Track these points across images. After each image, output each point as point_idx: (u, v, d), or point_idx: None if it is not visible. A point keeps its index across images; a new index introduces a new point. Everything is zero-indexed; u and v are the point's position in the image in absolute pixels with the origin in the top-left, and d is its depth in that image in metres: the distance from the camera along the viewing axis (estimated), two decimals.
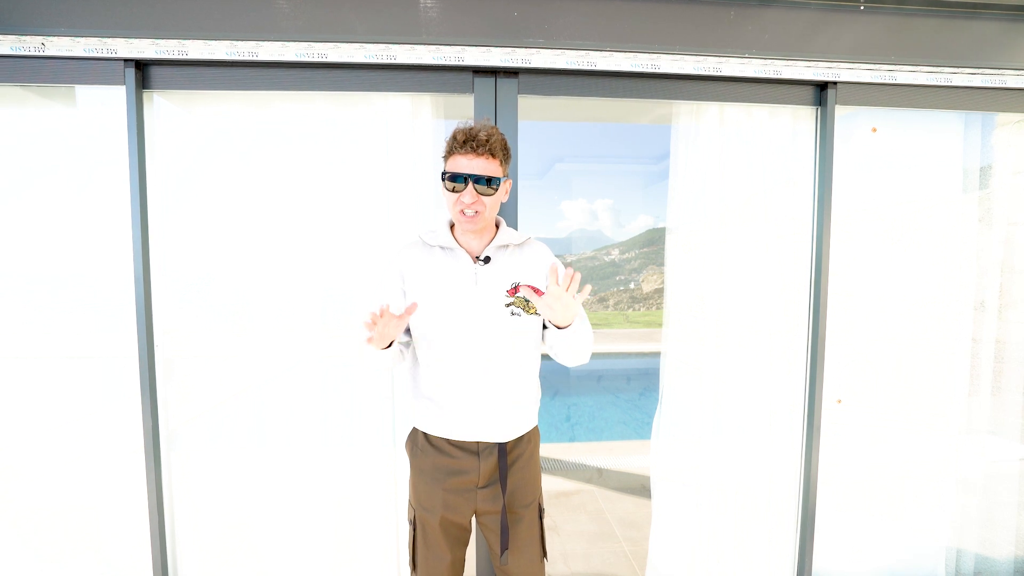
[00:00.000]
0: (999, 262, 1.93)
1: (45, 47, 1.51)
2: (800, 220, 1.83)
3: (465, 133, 1.16)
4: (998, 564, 2.01)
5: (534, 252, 1.30)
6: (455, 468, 1.26)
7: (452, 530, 1.29)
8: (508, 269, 1.25)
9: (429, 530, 1.28)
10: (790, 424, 1.87)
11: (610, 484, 3.18)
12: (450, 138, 1.19)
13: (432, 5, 1.55)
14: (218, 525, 1.77)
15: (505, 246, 1.27)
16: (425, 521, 1.28)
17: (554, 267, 1.15)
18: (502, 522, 1.26)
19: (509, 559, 1.29)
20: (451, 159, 1.19)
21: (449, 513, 1.27)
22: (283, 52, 1.55)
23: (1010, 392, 1.96)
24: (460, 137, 1.16)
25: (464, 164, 1.16)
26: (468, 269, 1.23)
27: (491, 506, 1.28)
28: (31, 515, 1.74)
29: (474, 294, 1.22)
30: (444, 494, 1.26)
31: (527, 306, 1.24)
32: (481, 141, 1.15)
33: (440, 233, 1.26)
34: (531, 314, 1.24)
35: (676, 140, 1.81)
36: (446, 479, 1.26)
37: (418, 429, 1.32)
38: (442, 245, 1.25)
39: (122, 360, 1.66)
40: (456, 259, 1.24)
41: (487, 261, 1.24)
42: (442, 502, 1.26)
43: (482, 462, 1.26)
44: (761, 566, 1.89)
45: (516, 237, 1.28)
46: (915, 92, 1.76)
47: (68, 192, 1.66)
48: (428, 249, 1.27)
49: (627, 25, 1.61)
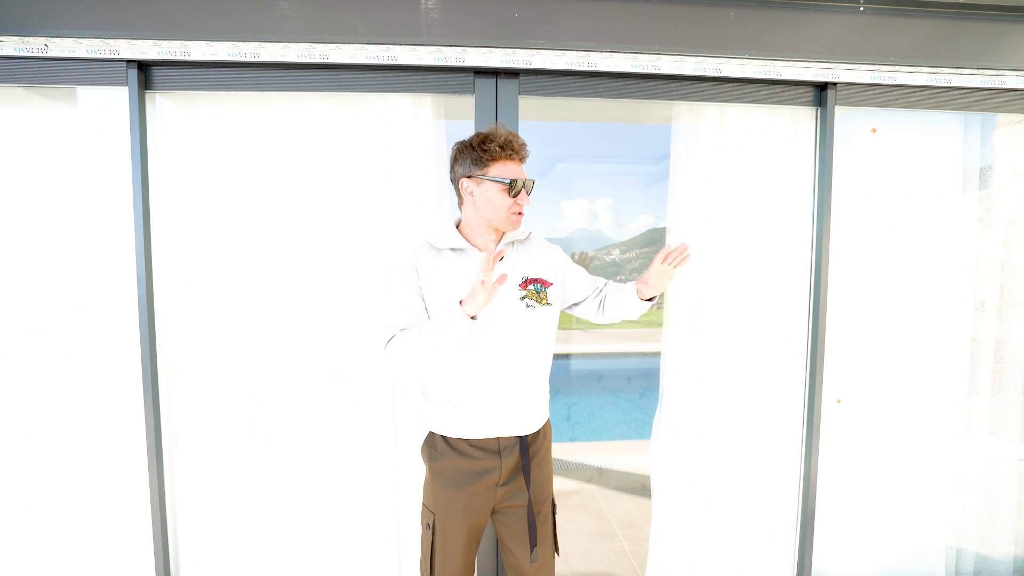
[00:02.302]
0: (999, 262, 1.93)
1: (48, 48, 1.52)
2: (800, 220, 1.83)
3: (517, 141, 1.22)
4: (997, 564, 2.02)
5: (536, 245, 1.36)
6: (477, 470, 1.26)
7: (474, 532, 1.30)
8: (518, 264, 1.29)
9: (450, 534, 1.27)
10: (790, 424, 1.87)
11: (610, 484, 3.18)
12: (496, 143, 1.20)
13: (433, 6, 1.56)
14: (220, 524, 1.78)
15: (512, 242, 1.31)
16: (446, 524, 1.27)
17: (669, 247, 1.26)
18: (528, 518, 1.28)
19: (519, 555, 1.30)
20: (501, 165, 1.21)
21: (471, 516, 1.27)
22: (285, 53, 1.55)
23: (1010, 392, 1.97)
24: (515, 145, 1.22)
25: (517, 171, 1.23)
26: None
27: (510, 501, 1.29)
28: (33, 514, 1.74)
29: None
30: (467, 497, 1.26)
31: (539, 297, 1.28)
32: (525, 146, 1.25)
33: (449, 236, 1.27)
34: (543, 304, 1.29)
35: (676, 141, 1.82)
36: (469, 483, 1.26)
37: (435, 433, 1.31)
38: (452, 247, 1.26)
39: (124, 360, 1.67)
40: (469, 259, 1.26)
41: (501, 259, 1.28)
42: (464, 505, 1.26)
43: (504, 459, 1.27)
44: (761, 566, 1.90)
45: (521, 233, 1.33)
46: (915, 93, 1.77)
47: (70, 192, 1.67)
48: (438, 252, 1.27)
49: (627, 26, 1.62)
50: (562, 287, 1.37)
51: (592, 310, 1.41)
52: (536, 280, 1.29)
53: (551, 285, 1.32)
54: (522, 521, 1.30)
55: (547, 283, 1.31)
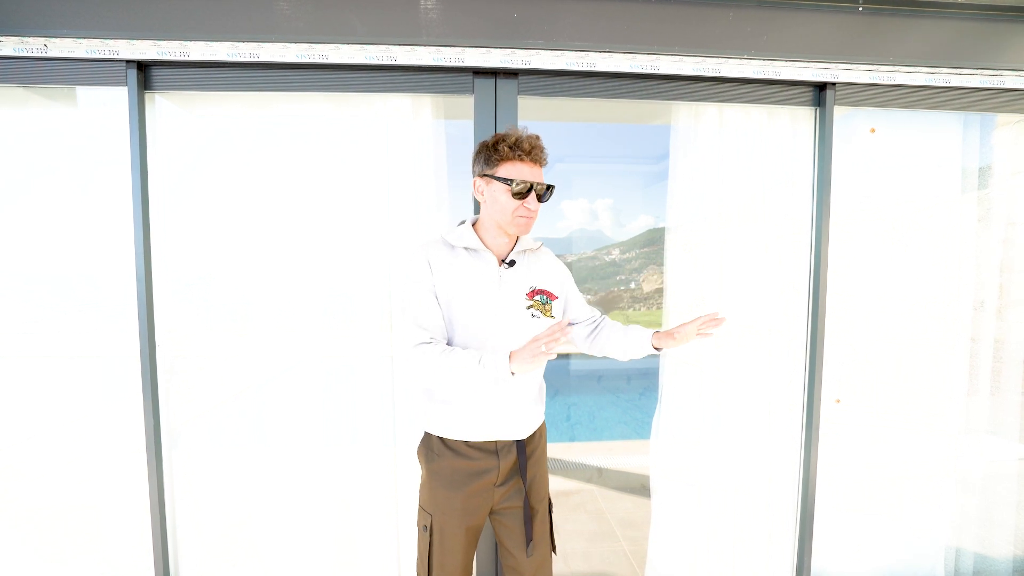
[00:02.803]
0: (998, 262, 1.93)
1: (48, 49, 1.52)
2: (799, 220, 1.83)
3: (529, 142, 1.19)
4: (997, 563, 2.02)
5: (546, 257, 1.37)
6: (474, 470, 1.26)
7: (472, 532, 1.30)
8: (527, 273, 1.29)
9: (448, 534, 1.27)
10: (789, 424, 1.88)
11: (610, 484, 3.19)
12: (506, 145, 1.19)
13: (432, 7, 1.56)
14: (219, 524, 1.78)
15: (524, 251, 1.31)
16: (443, 525, 1.27)
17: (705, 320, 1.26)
18: (525, 514, 1.28)
19: (518, 555, 1.30)
20: (511, 165, 1.19)
21: (469, 516, 1.27)
22: (284, 53, 1.55)
23: (1009, 392, 1.97)
24: (525, 145, 1.18)
25: (528, 173, 1.20)
26: (493, 271, 1.25)
27: (507, 502, 1.29)
28: (33, 514, 1.74)
29: (498, 296, 1.24)
30: (465, 498, 1.26)
31: (544, 309, 1.29)
32: (540, 149, 1.20)
33: (466, 235, 1.26)
34: (547, 316, 1.29)
35: (675, 141, 1.82)
36: (466, 483, 1.26)
37: (432, 434, 1.31)
38: (467, 246, 1.25)
39: (124, 360, 1.67)
40: (482, 261, 1.25)
41: (512, 264, 1.27)
42: (462, 505, 1.26)
43: (501, 460, 1.27)
44: (760, 565, 1.90)
45: (533, 242, 1.34)
46: (914, 93, 1.77)
47: (70, 193, 1.67)
48: (452, 250, 1.27)
49: (626, 26, 1.62)
50: (564, 304, 1.38)
51: (582, 337, 1.42)
52: (543, 292, 1.29)
53: (557, 299, 1.32)
54: (520, 521, 1.30)
55: (553, 296, 1.31)
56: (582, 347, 1.42)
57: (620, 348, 1.36)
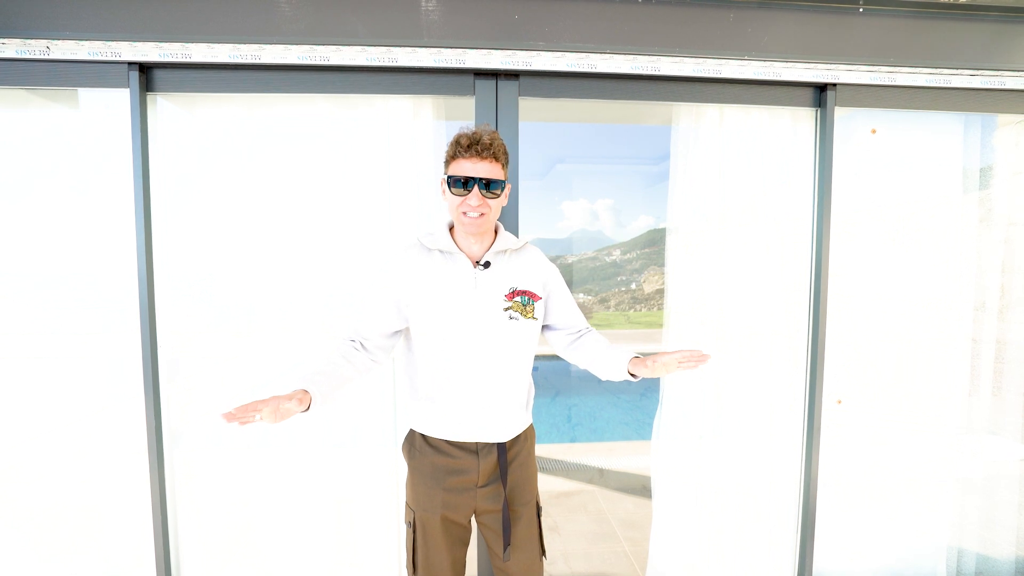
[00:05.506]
0: (999, 262, 1.93)
1: (50, 50, 1.52)
2: (800, 221, 1.83)
3: (469, 137, 1.17)
4: (998, 564, 2.02)
5: (531, 257, 1.32)
6: (455, 467, 1.27)
7: (453, 529, 1.30)
8: (506, 274, 1.26)
9: (429, 531, 1.28)
10: (790, 424, 1.87)
11: (611, 484, 3.18)
12: (452, 143, 1.20)
13: (433, 8, 1.56)
14: (221, 525, 1.78)
15: (503, 251, 1.28)
16: (425, 522, 1.28)
17: (688, 354, 1.18)
18: (504, 518, 1.27)
19: (510, 556, 1.30)
20: (455, 163, 1.19)
21: (449, 512, 1.27)
22: (285, 55, 1.56)
23: (1010, 393, 1.97)
24: (464, 141, 1.17)
25: (469, 168, 1.17)
26: (468, 273, 1.24)
27: (491, 505, 1.29)
28: (34, 514, 1.75)
29: (473, 298, 1.23)
30: (444, 493, 1.26)
31: (524, 310, 1.26)
32: (485, 144, 1.16)
33: (439, 237, 1.26)
34: (528, 318, 1.26)
35: (676, 141, 1.82)
36: (446, 478, 1.27)
37: (415, 431, 1.32)
38: (441, 249, 1.25)
39: (125, 360, 1.67)
40: (456, 263, 1.25)
41: (487, 266, 1.25)
42: (442, 501, 1.26)
43: (482, 461, 1.27)
44: (762, 566, 1.90)
45: (514, 242, 1.30)
46: (914, 93, 1.77)
47: (72, 194, 1.67)
48: (427, 252, 1.27)
49: (627, 27, 1.62)
50: (545, 304, 1.34)
51: (561, 342, 1.38)
52: (524, 292, 1.27)
53: (539, 299, 1.29)
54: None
55: (535, 296, 1.28)
56: (560, 352, 1.39)
57: (597, 364, 1.30)
